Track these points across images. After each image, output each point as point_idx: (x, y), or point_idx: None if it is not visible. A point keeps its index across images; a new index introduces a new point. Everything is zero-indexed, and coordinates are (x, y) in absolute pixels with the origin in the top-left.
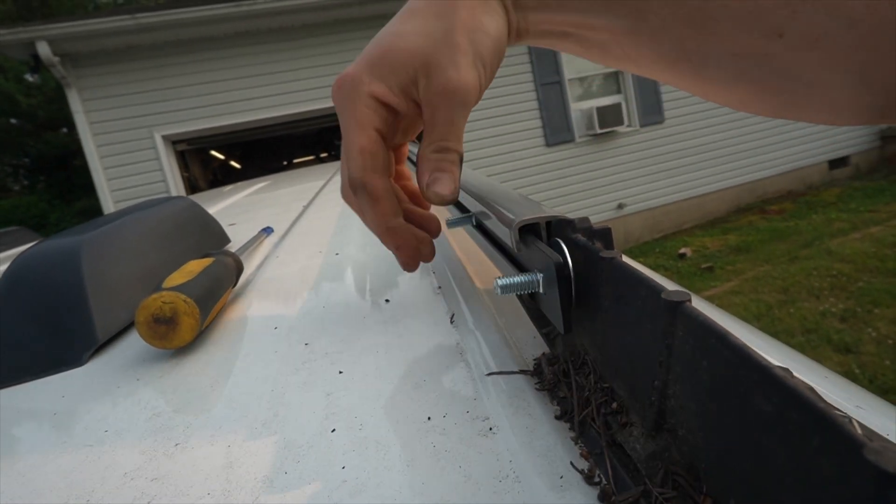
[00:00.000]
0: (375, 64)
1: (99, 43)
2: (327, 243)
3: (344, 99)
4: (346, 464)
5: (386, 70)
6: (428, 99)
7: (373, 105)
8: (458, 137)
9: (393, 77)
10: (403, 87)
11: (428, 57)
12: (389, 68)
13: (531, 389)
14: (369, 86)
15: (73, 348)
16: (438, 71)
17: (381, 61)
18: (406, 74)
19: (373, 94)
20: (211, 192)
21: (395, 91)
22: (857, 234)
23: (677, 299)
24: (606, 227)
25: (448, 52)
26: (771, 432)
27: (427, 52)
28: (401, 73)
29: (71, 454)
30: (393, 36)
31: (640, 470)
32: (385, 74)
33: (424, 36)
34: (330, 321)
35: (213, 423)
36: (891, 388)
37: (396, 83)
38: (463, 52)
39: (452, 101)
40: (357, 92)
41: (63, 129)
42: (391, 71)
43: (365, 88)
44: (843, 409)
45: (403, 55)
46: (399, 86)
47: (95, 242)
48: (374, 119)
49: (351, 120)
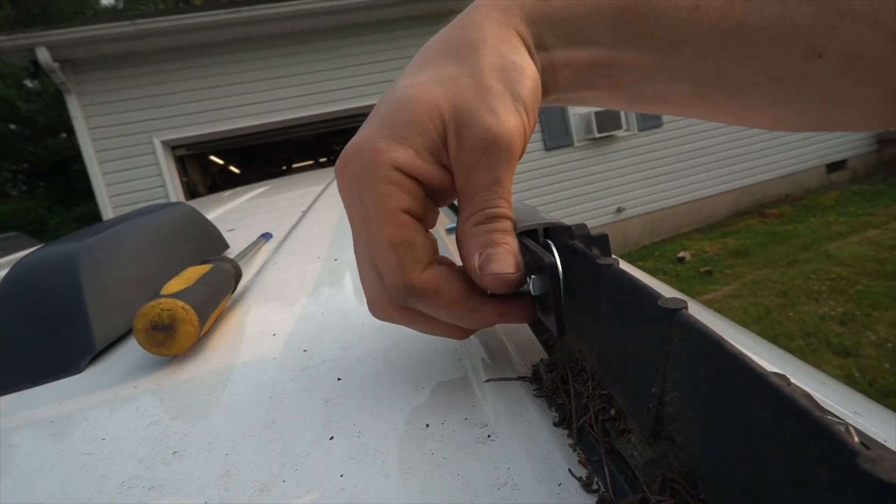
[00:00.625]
0: (392, 124)
1: (98, 49)
2: (326, 249)
3: (356, 179)
4: (344, 471)
5: (407, 129)
6: (462, 159)
7: (397, 179)
8: (507, 200)
9: (418, 137)
10: (432, 150)
11: (456, 105)
12: (411, 126)
13: (529, 396)
14: (389, 154)
15: (71, 355)
16: (472, 121)
17: (398, 120)
18: (434, 130)
19: (395, 164)
20: (210, 198)
21: (423, 155)
22: (856, 237)
23: (674, 306)
24: (604, 234)
25: (480, 97)
26: (767, 440)
27: (454, 100)
28: (427, 130)
29: (68, 462)
30: (406, 88)
31: (638, 477)
32: (407, 135)
33: (446, 82)
34: (328, 327)
35: (211, 431)
36: (891, 392)
37: (423, 144)
38: (497, 94)
39: (494, 154)
40: (374, 166)
41: (62, 135)
42: (414, 129)
43: (385, 158)
44: (841, 415)
45: (425, 107)
46: (427, 148)
47: (93, 249)
48: (402, 199)
49: (370, 205)
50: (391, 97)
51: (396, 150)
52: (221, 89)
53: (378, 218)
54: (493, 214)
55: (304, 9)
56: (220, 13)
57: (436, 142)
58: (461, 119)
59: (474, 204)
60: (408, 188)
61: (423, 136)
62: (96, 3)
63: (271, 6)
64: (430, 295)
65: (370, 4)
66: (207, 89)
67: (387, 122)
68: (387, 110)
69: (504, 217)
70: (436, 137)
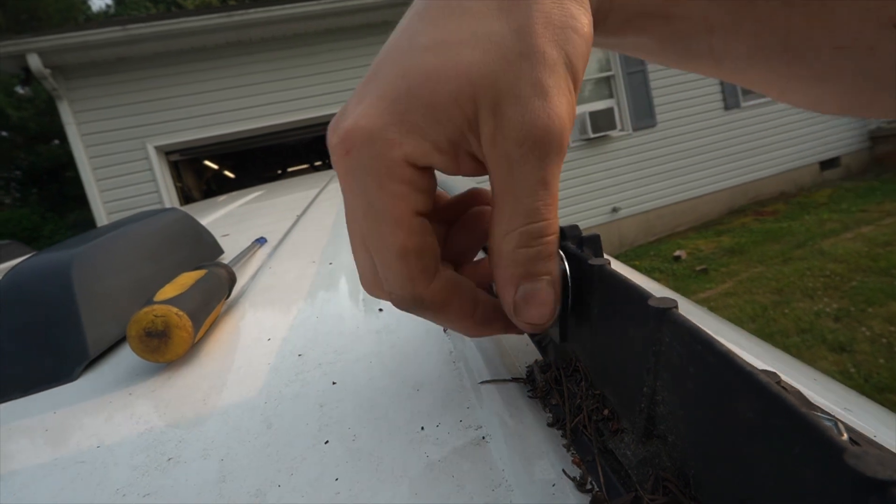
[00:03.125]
0: (407, 107)
1: (90, 55)
2: (320, 253)
3: (363, 174)
4: (339, 476)
5: (426, 117)
6: (502, 151)
7: (410, 177)
8: (556, 206)
9: (438, 127)
10: (454, 139)
11: (496, 80)
12: (432, 113)
13: (524, 397)
14: (404, 148)
15: (65, 363)
16: (516, 104)
17: (416, 102)
18: (461, 117)
19: (408, 159)
20: (204, 203)
21: (442, 148)
22: (849, 233)
23: (664, 306)
24: (595, 235)
25: (529, 69)
26: (756, 438)
27: (494, 73)
28: (452, 118)
29: (63, 471)
30: (430, 52)
31: (631, 476)
32: (426, 124)
33: (485, 44)
34: (323, 331)
35: (206, 437)
36: (886, 387)
37: (444, 135)
38: (551, 66)
39: (543, 149)
40: (385, 161)
41: (55, 141)
42: (435, 117)
43: (398, 154)
44: (832, 411)
45: (453, 86)
46: (448, 139)
47: (87, 256)
48: (415, 199)
49: (380, 206)
50: (409, 62)
51: (411, 143)
52: (215, 94)
53: (389, 223)
54: (541, 231)
55: (298, 12)
56: (212, 17)
57: (461, 129)
58: (502, 99)
59: (518, 213)
60: (421, 185)
61: (445, 126)
62: (87, 8)
63: (264, 10)
64: (437, 308)
65: (363, 7)
66: (201, 94)
67: (401, 103)
68: (400, 83)
69: (552, 232)
70: (462, 124)
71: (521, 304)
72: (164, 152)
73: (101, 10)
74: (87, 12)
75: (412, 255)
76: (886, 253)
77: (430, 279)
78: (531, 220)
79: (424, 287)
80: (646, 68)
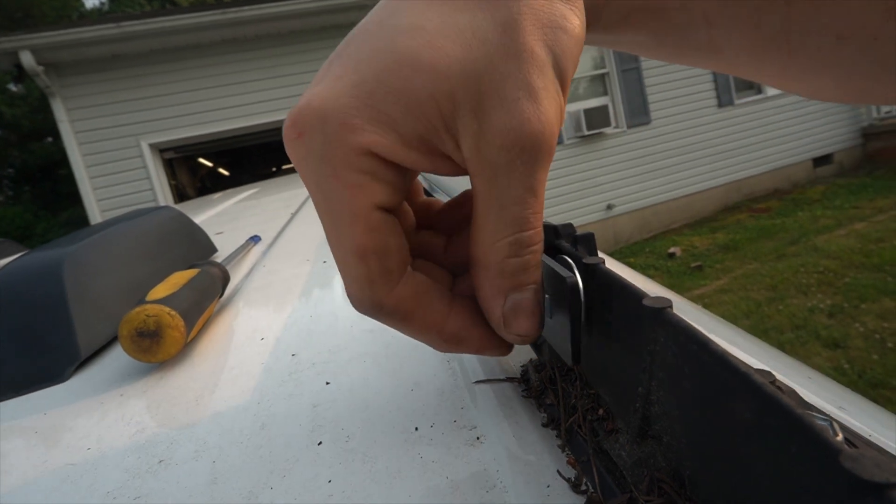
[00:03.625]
0: (375, 91)
1: (83, 52)
2: (315, 251)
3: (315, 159)
4: (332, 477)
5: (396, 106)
6: (486, 158)
7: (370, 167)
8: (542, 215)
9: (409, 119)
10: (425, 136)
11: (479, 80)
12: (403, 102)
13: (518, 397)
14: (361, 134)
15: (56, 363)
16: (501, 106)
17: (386, 88)
18: (436, 113)
19: (367, 149)
20: (199, 201)
21: (410, 140)
22: (843, 230)
23: (658, 305)
24: (590, 233)
25: (516, 70)
26: (751, 439)
27: (476, 72)
28: (425, 114)
29: (53, 473)
30: (408, 35)
31: (626, 477)
32: (395, 114)
33: (467, 39)
34: (317, 331)
35: (198, 438)
36: (879, 382)
37: (414, 130)
38: (539, 67)
39: (531, 156)
40: (340, 146)
41: (48, 139)
42: (406, 108)
43: (354, 140)
44: (826, 410)
45: (430, 78)
46: (417, 133)
47: (78, 255)
48: (375, 191)
49: (335, 199)
50: (383, 42)
51: (373, 132)
52: (209, 91)
53: (344, 218)
54: (530, 241)
55: (292, 9)
56: (206, 14)
57: (435, 127)
58: (486, 101)
59: (506, 222)
60: (384, 176)
61: (417, 120)
62: (81, 5)
63: (258, 7)
64: (399, 317)
65: (358, 5)
66: (195, 91)
67: (366, 86)
68: (368, 64)
69: (540, 240)
70: (437, 122)
71: (510, 315)
72: (158, 150)
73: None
74: (81, 9)
75: (371, 255)
76: (879, 249)
77: (393, 284)
78: (520, 230)
79: (386, 292)
80: (640, 65)
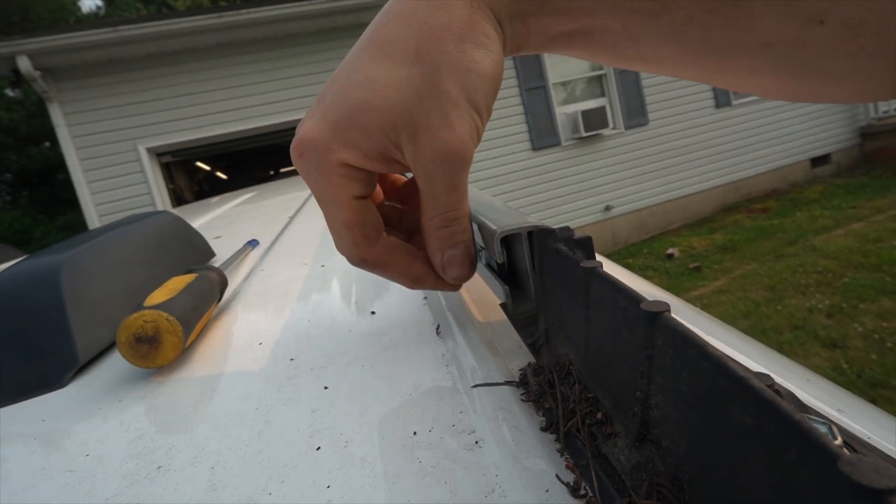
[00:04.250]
0: (342, 127)
1: (80, 56)
2: (313, 255)
3: (311, 170)
4: (331, 483)
5: (357, 134)
6: (421, 165)
7: (347, 173)
8: (464, 200)
9: (368, 144)
10: (381, 151)
11: (411, 115)
12: (361, 132)
13: (517, 401)
14: (338, 154)
15: (54, 370)
16: (427, 133)
17: (350, 124)
18: (384, 138)
19: (343, 162)
20: (197, 205)
21: (371, 156)
22: (841, 230)
23: (656, 310)
24: (587, 236)
25: (436, 106)
26: (749, 444)
27: (409, 110)
28: (377, 139)
29: (51, 480)
30: (363, 88)
31: (625, 481)
32: (356, 140)
33: (403, 86)
34: (315, 335)
35: (196, 444)
36: (878, 382)
37: (373, 148)
38: (454, 102)
39: (449, 166)
40: (325, 162)
41: (46, 143)
42: (364, 135)
43: (334, 158)
44: (825, 413)
45: (378, 116)
46: (376, 150)
47: (76, 261)
48: (353, 186)
49: (326, 193)
50: (347, 92)
51: (345, 152)
52: (207, 94)
53: (334, 204)
54: (455, 217)
55: (288, 13)
56: (202, 18)
57: (386, 146)
58: (417, 129)
59: (437, 206)
60: (357, 177)
61: (373, 142)
62: (77, 10)
63: (255, 10)
64: (379, 266)
65: (354, 8)
66: (192, 95)
67: (340, 124)
68: (341, 108)
69: (464, 216)
70: (386, 143)
71: (446, 265)
72: (155, 154)
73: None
74: (77, 13)
75: (354, 227)
76: (877, 249)
77: (372, 244)
78: (447, 211)
79: (367, 250)
80: None
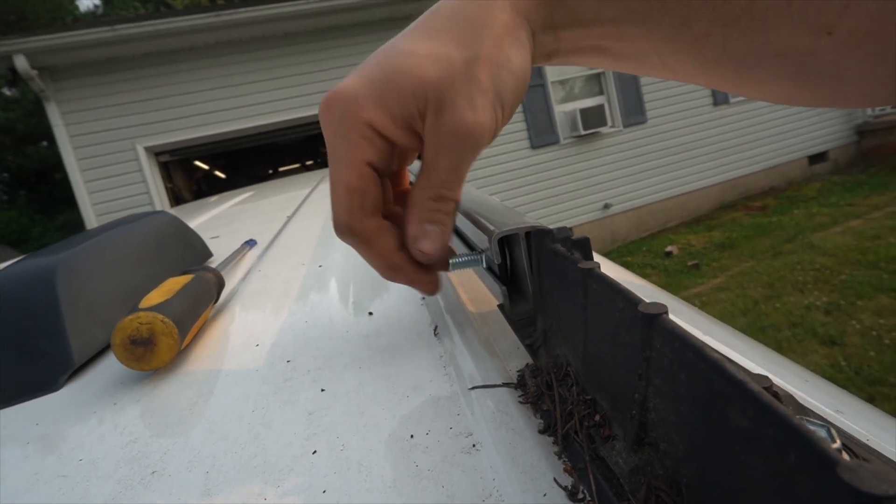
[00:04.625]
0: (379, 87)
1: (78, 55)
2: (310, 255)
3: (334, 123)
4: (327, 487)
5: (391, 96)
6: (435, 138)
7: (369, 135)
8: (460, 185)
9: (398, 106)
10: (407, 119)
11: (443, 89)
12: (396, 95)
13: (514, 403)
14: (368, 112)
15: (49, 372)
16: (452, 108)
17: (387, 85)
18: (414, 105)
19: (370, 122)
20: (194, 204)
21: (397, 122)
22: (838, 227)
23: (654, 311)
24: (585, 237)
25: (466, 88)
26: (748, 447)
27: (442, 84)
28: (408, 103)
29: (44, 485)
30: (405, 56)
31: (623, 485)
32: (389, 101)
33: (442, 63)
34: (312, 336)
35: (192, 448)
36: (877, 379)
37: (401, 114)
38: (483, 89)
39: (462, 145)
40: (352, 117)
41: (43, 143)
42: (397, 99)
43: (363, 115)
44: (824, 414)
45: (414, 82)
46: (402, 116)
47: (71, 262)
48: (369, 151)
49: (341, 150)
50: (389, 58)
51: (375, 111)
52: (205, 93)
53: (344, 162)
54: (446, 196)
55: (286, 11)
56: (201, 17)
57: (413, 114)
58: (444, 103)
59: (433, 179)
60: (377, 144)
61: (402, 107)
62: (75, 8)
63: (253, 9)
64: (362, 240)
65: (354, 6)
66: (191, 94)
67: (377, 83)
68: (380, 70)
69: (454, 200)
70: (414, 111)
71: (419, 235)
72: (153, 153)
73: (89, 9)
74: (75, 12)
75: (355, 193)
76: (875, 246)
77: (365, 217)
78: (442, 187)
79: (358, 221)
80: None
